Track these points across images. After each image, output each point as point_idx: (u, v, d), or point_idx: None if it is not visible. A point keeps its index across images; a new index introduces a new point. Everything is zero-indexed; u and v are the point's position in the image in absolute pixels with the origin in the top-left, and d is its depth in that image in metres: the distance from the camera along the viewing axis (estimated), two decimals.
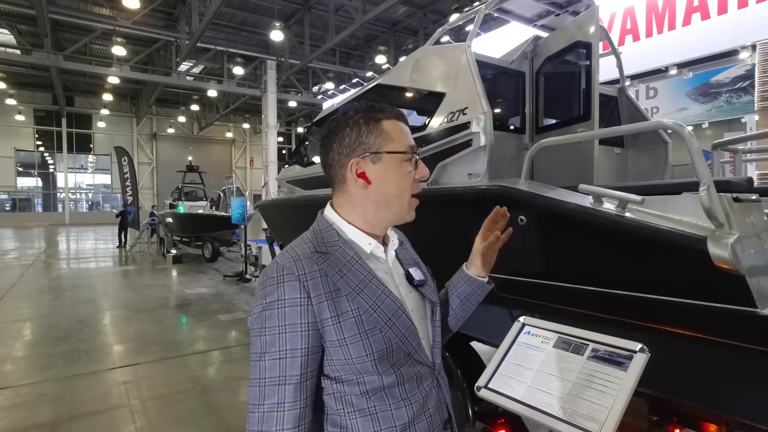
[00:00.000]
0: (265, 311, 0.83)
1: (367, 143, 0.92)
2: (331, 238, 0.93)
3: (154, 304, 7.17)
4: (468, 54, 2.41)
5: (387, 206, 0.94)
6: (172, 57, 17.79)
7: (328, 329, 0.84)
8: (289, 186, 4.72)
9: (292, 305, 0.82)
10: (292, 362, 0.81)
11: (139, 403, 3.66)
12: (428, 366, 0.95)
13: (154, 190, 31.87)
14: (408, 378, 0.90)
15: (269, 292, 0.84)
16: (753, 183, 1.92)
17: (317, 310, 0.83)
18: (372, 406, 0.87)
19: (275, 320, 0.82)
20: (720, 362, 1.51)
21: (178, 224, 12.91)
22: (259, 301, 0.85)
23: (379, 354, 0.85)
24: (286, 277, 0.84)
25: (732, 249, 1.34)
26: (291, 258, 0.87)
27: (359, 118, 0.93)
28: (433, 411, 0.94)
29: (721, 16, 6.42)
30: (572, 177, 2.55)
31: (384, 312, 0.88)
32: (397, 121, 0.96)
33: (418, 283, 1.00)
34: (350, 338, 0.84)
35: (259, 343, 0.83)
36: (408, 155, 0.94)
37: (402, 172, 0.94)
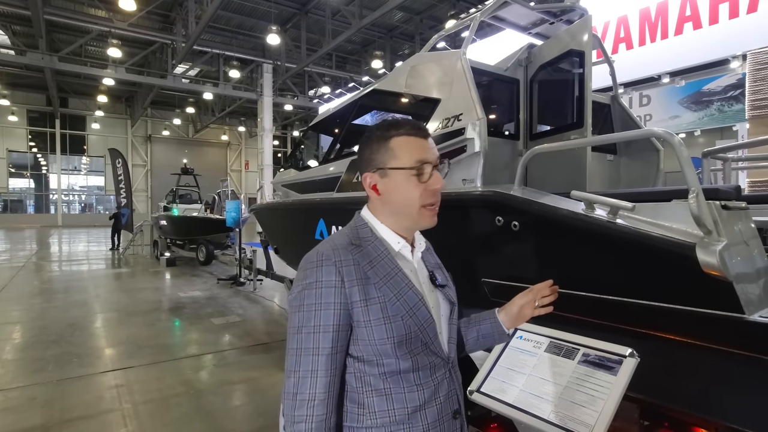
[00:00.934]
0: (305, 291, 0.94)
1: (376, 160, 1.03)
2: (365, 234, 1.04)
3: (147, 308, 7.12)
4: (463, 60, 2.44)
5: (399, 214, 1.04)
6: (168, 59, 17.76)
7: (356, 310, 0.94)
8: (285, 189, 4.73)
9: (328, 286, 0.93)
10: (325, 336, 0.92)
11: (131, 407, 3.63)
12: (442, 358, 1.03)
13: (148, 193, 31.70)
14: (422, 365, 0.99)
15: (309, 274, 0.95)
16: (741, 191, 1.96)
17: (349, 293, 0.94)
18: (388, 387, 0.96)
19: (313, 298, 0.93)
20: (709, 367, 1.53)
21: (172, 227, 12.84)
22: (299, 281, 0.96)
23: (398, 338, 0.95)
24: (324, 262, 0.95)
25: (720, 256, 1.37)
26: (330, 247, 0.98)
27: (372, 137, 1.05)
28: (444, 399, 1.02)
29: (712, 26, 6.52)
30: (565, 183, 2.58)
31: (406, 302, 0.98)
32: (409, 137, 1.03)
33: (440, 284, 1.10)
34: (375, 321, 0.94)
35: (297, 318, 0.94)
36: (413, 170, 1.01)
37: (408, 186, 1.02)
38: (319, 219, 3.60)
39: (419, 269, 1.09)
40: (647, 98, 10.62)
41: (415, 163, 1.02)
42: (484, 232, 2.12)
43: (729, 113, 10.41)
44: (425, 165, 1.02)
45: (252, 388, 4.05)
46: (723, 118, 10.66)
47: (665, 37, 7.10)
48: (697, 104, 10.96)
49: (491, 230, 2.04)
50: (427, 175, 1.03)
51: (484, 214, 2.09)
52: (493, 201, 2.05)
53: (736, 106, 9.99)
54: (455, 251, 2.37)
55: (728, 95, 10.39)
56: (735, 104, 10.14)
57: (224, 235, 11.98)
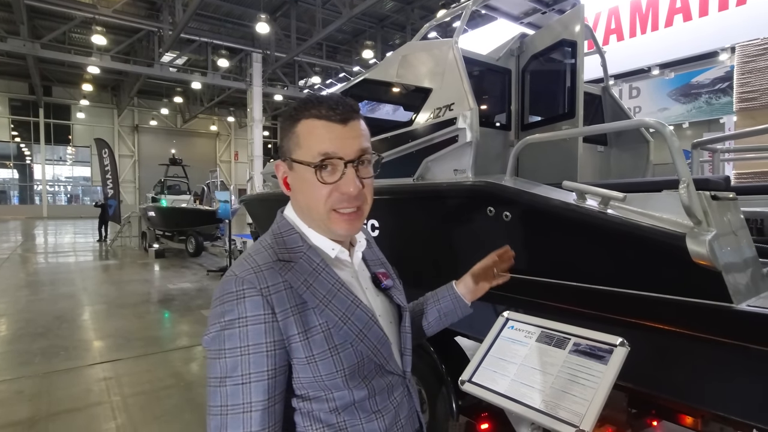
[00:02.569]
0: (225, 331, 0.74)
1: (285, 146, 0.84)
2: (294, 242, 0.85)
3: (135, 300, 7.06)
4: (455, 50, 2.42)
5: (309, 216, 0.86)
6: (155, 48, 17.40)
7: (295, 346, 0.77)
8: (275, 180, 4.68)
9: (256, 323, 0.74)
10: (258, 386, 0.73)
11: (120, 400, 3.60)
12: (399, 375, 0.91)
13: (136, 184, 31.27)
14: (379, 390, 0.86)
15: (228, 309, 0.75)
16: (730, 181, 1.97)
17: (283, 327, 0.76)
18: (342, 421, 0.82)
19: (236, 341, 0.74)
20: (696, 356, 1.55)
21: (160, 218, 12.70)
22: (216, 319, 0.76)
23: (350, 369, 0.80)
24: (247, 291, 0.75)
25: (710, 246, 1.38)
26: (251, 268, 0.78)
27: (286, 118, 0.85)
28: (405, 421, 0.91)
29: (702, 18, 6.55)
30: (556, 174, 2.58)
31: (355, 324, 0.82)
32: (319, 120, 0.81)
33: (386, 286, 0.96)
34: (319, 355, 0.78)
35: (219, 367, 0.74)
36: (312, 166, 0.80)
37: (310, 183, 0.81)
38: None
39: (360, 272, 0.94)
40: (637, 90, 10.69)
41: (317, 157, 0.80)
42: (475, 222, 2.12)
43: (717, 106, 10.52)
44: (332, 160, 0.80)
45: None
46: (711, 110, 10.78)
47: (656, 28, 7.12)
48: (685, 96, 11.06)
49: (482, 220, 2.04)
50: (337, 174, 0.81)
51: (476, 204, 2.08)
52: (484, 191, 2.04)
53: (724, 99, 10.10)
54: (446, 242, 2.37)
55: (716, 88, 10.50)
56: (723, 97, 10.25)
57: (214, 226, 11.88)
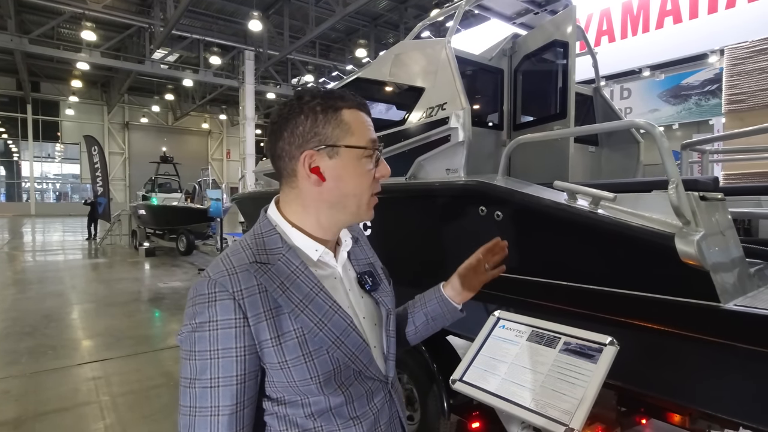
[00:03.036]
0: (195, 333, 0.73)
1: (323, 134, 0.81)
2: (273, 243, 0.83)
3: (125, 298, 6.99)
4: (448, 49, 2.42)
5: (342, 207, 0.85)
6: (146, 44, 17.24)
7: (267, 351, 0.75)
8: (267, 179, 4.66)
9: (226, 327, 0.73)
10: (225, 391, 0.73)
11: (109, 399, 3.57)
12: (380, 380, 0.89)
13: (126, 182, 30.96)
14: (357, 396, 0.84)
15: (199, 311, 0.74)
16: (719, 182, 2.00)
17: (255, 331, 0.74)
18: (318, 427, 0.80)
19: (206, 344, 0.73)
20: (685, 355, 1.57)
21: (151, 216, 12.59)
22: (188, 320, 0.75)
23: (325, 376, 0.78)
24: (218, 294, 0.74)
25: (698, 246, 1.39)
26: (225, 270, 0.76)
27: (316, 105, 0.82)
28: (385, 427, 0.88)
29: (692, 21, 6.62)
30: (548, 174, 2.60)
31: (331, 330, 0.80)
32: (359, 112, 0.85)
33: (371, 288, 0.94)
34: (292, 360, 0.76)
35: (189, 368, 0.74)
36: (369, 151, 0.84)
37: (361, 170, 0.84)
38: None
39: (345, 272, 0.91)
40: (628, 91, 10.79)
41: (370, 143, 0.84)
42: (467, 221, 2.12)
43: (706, 107, 10.65)
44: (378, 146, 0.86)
45: None
46: (700, 112, 10.91)
47: (646, 30, 7.18)
48: (675, 98, 11.18)
49: (474, 220, 2.05)
50: (379, 159, 0.87)
51: (467, 203, 2.09)
52: (476, 191, 2.05)
53: (713, 101, 10.22)
54: (438, 241, 2.37)
55: (705, 89, 10.62)
56: (712, 98, 10.37)
57: (205, 224, 11.81)
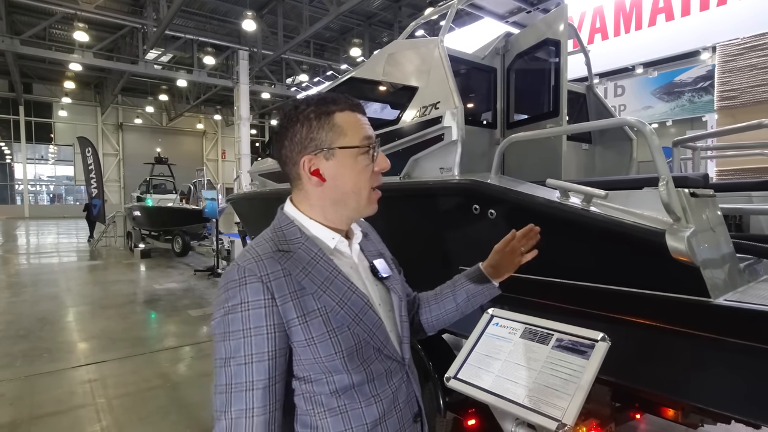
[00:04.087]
0: (228, 315, 0.81)
1: (318, 139, 0.89)
2: (293, 235, 0.91)
3: (121, 300, 6.96)
4: (440, 48, 2.43)
5: (344, 203, 0.92)
6: (139, 44, 17.13)
7: (295, 329, 0.82)
8: (262, 179, 4.65)
9: (256, 307, 0.80)
10: (259, 366, 0.80)
11: (105, 402, 3.56)
12: (397, 361, 0.95)
13: (120, 183, 30.79)
14: (378, 374, 0.90)
15: (231, 295, 0.81)
16: (709, 179, 2.02)
17: (283, 311, 0.82)
18: (342, 405, 0.86)
19: (239, 324, 0.80)
20: (677, 350, 1.58)
21: (146, 218, 12.52)
22: (220, 305, 0.82)
23: (348, 351, 0.85)
24: (248, 278, 0.81)
25: (688, 242, 1.40)
26: (252, 258, 0.84)
27: (310, 113, 0.89)
28: (404, 405, 0.94)
29: (684, 18, 6.65)
30: (542, 172, 2.61)
31: (351, 309, 0.87)
32: (352, 113, 0.92)
33: (383, 276, 1.00)
34: (318, 337, 0.83)
35: (224, 349, 0.81)
36: (364, 148, 0.91)
37: (358, 167, 0.91)
38: None
39: (360, 262, 0.98)
40: (622, 88, 10.82)
41: (364, 141, 0.91)
42: (461, 220, 2.13)
43: (699, 104, 10.71)
44: (372, 143, 0.93)
45: None
46: (693, 108, 10.97)
47: (639, 28, 7.21)
48: (669, 95, 11.24)
49: (468, 218, 2.05)
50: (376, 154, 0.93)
51: (461, 202, 2.09)
52: (469, 189, 2.06)
53: (706, 97, 10.28)
54: (433, 240, 2.38)
55: (698, 86, 10.68)
56: (705, 95, 10.43)
57: (201, 225, 11.77)
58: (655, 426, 3.05)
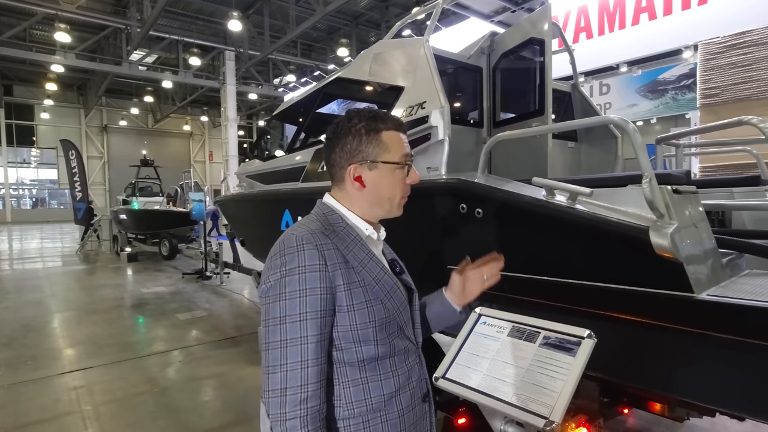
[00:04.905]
0: (285, 278, 0.91)
1: (366, 152, 1.02)
2: (335, 221, 1.03)
3: (107, 305, 6.85)
4: (426, 48, 2.43)
5: (380, 205, 1.06)
6: (123, 45, 16.88)
7: (339, 295, 0.94)
8: (249, 180, 4.62)
9: (312, 271, 0.91)
10: (313, 323, 0.90)
11: (92, 409, 3.49)
12: (414, 343, 1.08)
13: (106, 186, 30.31)
14: (398, 351, 1.02)
15: (289, 259, 0.92)
16: (691, 175, 2.05)
17: (332, 277, 0.93)
18: (364, 376, 0.97)
19: (296, 285, 0.90)
20: (662, 345, 1.60)
21: (132, 221, 12.35)
22: (276, 269, 0.93)
23: (380, 322, 0.97)
24: (306, 246, 0.93)
25: (671, 238, 1.42)
26: (307, 231, 0.96)
27: (361, 128, 1.03)
28: (416, 384, 1.05)
29: (666, 17, 6.76)
30: (528, 170, 2.63)
31: (384, 286, 1.01)
32: (396, 132, 1.06)
33: (400, 270, 1.14)
34: (357, 305, 0.95)
35: (278, 308, 0.90)
36: (402, 165, 1.05)
37: (395, 179, 1.05)
38: (284, 210, 3.53)
39: (382, 256, 1.11)
40: (607, 87, 10.95)
41: (403, 159, 1.05)
42: (448, 219, 2.14)
43: (682, 102, 10.87)
44: (410, 160, 1.07)
45: (221, 383, 3.98)
46: (677, 106, 11.13)
47: (623, 27, 7.30)
48: (653, 93, 11.39)
49: (456, 218, 2.06)
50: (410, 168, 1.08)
51: (449, 201, 2.10)
52: (456, 188, 2.06)
53: (689, 95, 10.43)
54: (421, 239, 2.38)
55: (681, 84, 10.84)
56: (688, 93, 10.59)
57: (188, 228, 11.63)
58: (643, 420, 3.09)
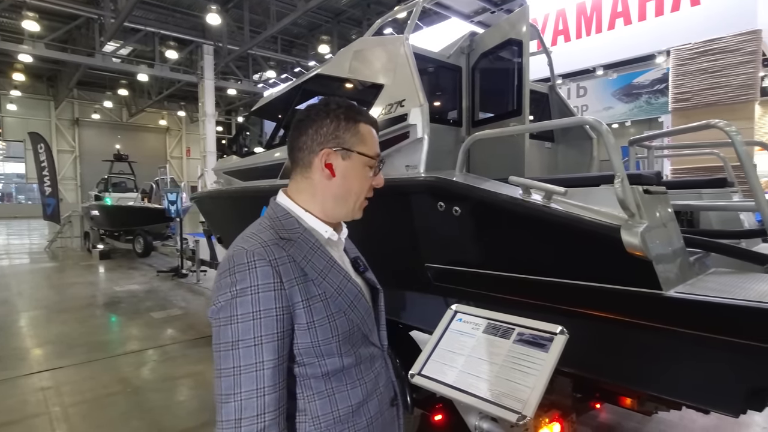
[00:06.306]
0: (237, 299, 0.83)
1: (342, 138, 0.97)
2: (291, 225, 0.95)
3: (78, 304, 6.66)
4: (406, 46, 2.43)
5: (344, 202, 1.00)
6: (96, 36, 16.37)
7: (299, 312, 0.87)
8: (227, 177, 4.54)
9: (267, 290, 0.84)
10: (269, 347, 0.83)
11: (60, 410, 3.39)
12: (379, 347, 1.04)
13: (77, 181, 29.38)
14: (364, 359, 0.97)
15: (240, 278, 0.84)
16: (661, 176, 2.11)
17: (290, 294, 0.86)
18: (330, 388, 0.92)
19: (248, 306, 0.83)
20: (632, 341, 1.65)
21: (105, 217, 12.00)
22: (226, 289, 0.84)
23: (343, 336, 0.91)
24: (258, 263, 0.85)
25: (642, 237, 1.46)
26: (258, 244, 0.88)
27: (341, 113, 0.98)
28: (383, 389, 1.02)
29: (641, 23, 6.91)
30: (506, 170, 2.66)
31: (347, 296, 0.94)
32: (372, 128, 1.03)
33: (364, 269, 1.09)
34: (319, 321, 0.89)
35: (230, 332, 0.83)
36: (374, 161, 1.01)
37: (364, 175, 1.00)
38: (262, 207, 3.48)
39: (344, 257, 1.06)
40: (584, 89, 11.18)
41: (376, 155, 1.02)
42: (426, 217, 2.15)
43: (656, 105, 11.20)
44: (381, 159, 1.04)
45: (197, 383, 3.91)
46: (650, 109, 11.46)
47: (599, 31, 7.45)
48: (628, 96, 11.69)
49: (433, 216, 2.07)
50: (378, 170, 1.04)
51: (427, 199, 2.11)
52: (434, 187, 2.07)
53: (662, 99, 10.75)
54: (399, 237, 2.38)
55: (655, 88, 11.17)
56: (661, 97, 10.91)
57: (164, 225, 11.38)
58: (615, 414, 3.18)
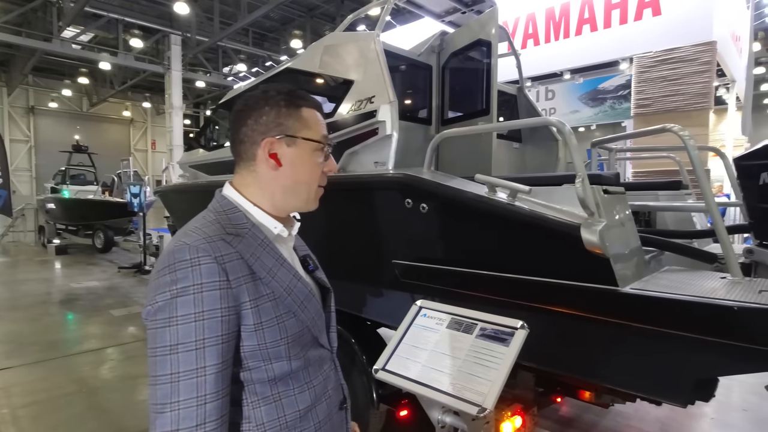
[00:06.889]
0: (177, 298, 0.75)
1: (285, 125, 0.92)
2: (238, 220, 0.89)
3: (30, 301, 6.34)
4: (376, 42, 2.43)
5: (295, 192, 0.95)
6: (54, 20, 15.57)
7: (245, 313, 0.81)
8: (193, 171, 4.42)
9: (211, 289, 0.77)
10: (213, 350, 0.76)
11: (8, 412, 3.22)
12: (327, 349, 0.99)
13: (32, 172, 27.93)
14: (312, 362, 0.92)
15: (181, 276, 0.76)
16: (620, 177, 2.19)
17: (236, 294, 0.80)
18: (276, 393, 0.86)
19: (191, 307, 0.75)
20: (590, 336, 1.70)
21: (62, 211, 11.49)
22: (165, 288, 0.76)
23: (293, 337, 0.86)
24: (202, 259, 0.77)
25: (600, 235, 1.51)
26: (203, 239, 0.81)
27: (280, 100, 0.93)
28: (332, 392, 0.98)
29: (606, 30, 7.17)
30: (474, 168, 2.69)
31: (297, 296, 0.89)
32: (316, 111, 0.97)
33: (314, 268, 1.03)
34: (267, 322, 0.83)
35: (168, 335, 0.75)
36: (321, 145, 0.95)
37: (313, 161, 0.95)
38: None
39: (294, 254, 1.01)
40: (552, 93, 11.49)
41: (323, 139, 0.96)
42: (394, 214, 2.15)
43: (619, 110, 11.61)
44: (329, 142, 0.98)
45: None
46: (615, 114, 11.88)
47: (567, 36, 7.67)
48: (593, 101, 12.08)
49: (401, 212, 2.08)
50: (328, 155, 0.98)
51: (394, 196, 2.11)
52: (402, 183, 2.08)
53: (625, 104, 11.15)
54: (366, 233, 2.38)
55: (619, 94, 11.57)
56: (624, 102, 11.32)
57: (126, 219, 10.98)
58: (575, 408, 3.29)
